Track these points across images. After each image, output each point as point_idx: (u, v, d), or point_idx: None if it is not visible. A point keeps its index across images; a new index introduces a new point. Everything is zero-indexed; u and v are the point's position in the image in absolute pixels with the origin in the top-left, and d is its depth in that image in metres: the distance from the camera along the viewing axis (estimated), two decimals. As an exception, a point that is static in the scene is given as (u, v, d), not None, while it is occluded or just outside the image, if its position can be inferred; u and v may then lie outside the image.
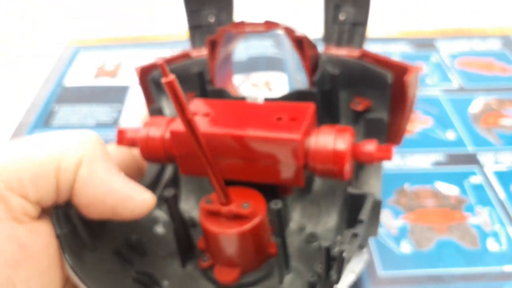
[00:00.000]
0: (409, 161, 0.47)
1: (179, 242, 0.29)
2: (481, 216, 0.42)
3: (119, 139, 0.31)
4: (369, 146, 0.27)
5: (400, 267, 0.38)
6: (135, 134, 0.30)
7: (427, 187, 0.45)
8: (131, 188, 0.26)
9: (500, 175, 0.46)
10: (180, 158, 0.29)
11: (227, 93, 0.33)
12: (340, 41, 0.32)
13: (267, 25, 0.30)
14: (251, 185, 0.29)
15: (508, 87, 0.57)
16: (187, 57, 0.35)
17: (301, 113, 0.28)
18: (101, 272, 0.26)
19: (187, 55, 0.35)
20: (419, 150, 0.49)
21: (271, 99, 0.31)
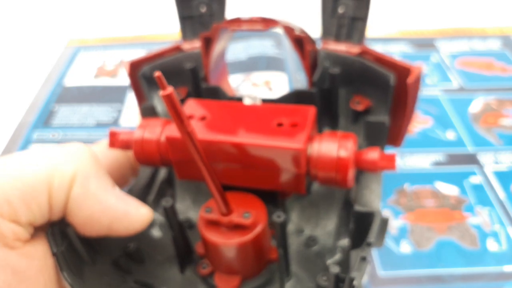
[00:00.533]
0: (409, 161, 0.47)
1: (177, 249, 0.28)
2: (481, 216, 0.42)
3: (111, 142, 0.30)
4: (372, 154, 0.26)
5: (400, 267, 0.38)
6: (129, 137, 0.29)
7: (427, 187, 0.45)
8: (126, 204, 0.25)
9: (500, 175, 0.45)
10: (176, 163, 0.29)
11: (222, 91, 0.32)
12: (338, 35, 0.31)
13: (265, 23, 0.29)
14: (250, 189, 0.28)
15: (508, 87, 0.57)
16: (178, 50, 0.34)
17: (302, 117, 0.27)
18: (100, 286, 0.26)
19: (179, 48, 0.34)
20: (419, 150, 0.49)
21: (269, 100, 0.31)
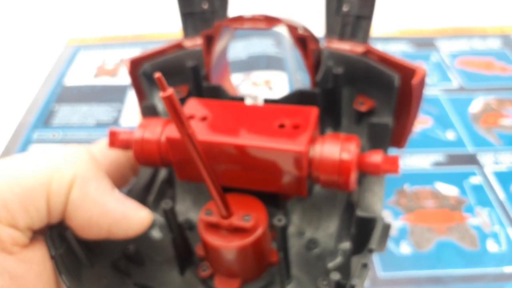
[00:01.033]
0: (408, 161, 0.47)
1: (177, 251, 0.28)
2: (481, 217, 0.42)
3: (111, 142, 0.30)
4: (375, 158, 0.26)
5: (399, 268, 0.38)
6: (128, 136, 0.29)
7: (426, 187, 0.45)
8: (126, 207, 0.25)
9: (500, 175, 0.46)
10: (177, 164, 0.28)
11: (223, 90, 0.32)
12: (342, 34, 0.31)
13: (267, 21, 0.28)
14: (250, 190, 0.28)
15: (508, 86, 0.57)
16: (180, 47, 0.34)
17: (304, 119, 0.27)
18: None
19: (180, 45, 0.34)
20: (418, 150, 0.49)
21: (272, 100, 0.30)
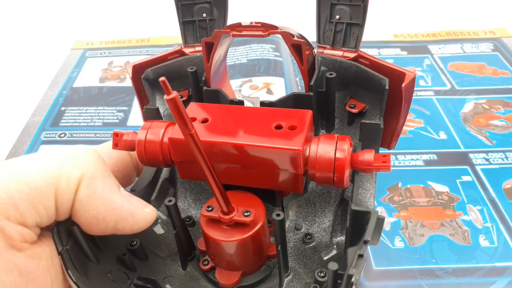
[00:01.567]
0: (402, 160, 0.48)
1: (180, 245, 0.29)
2: (473, 214, 0.43)
3: (115, 143, 0.30)
4: (367, 156, 0.27)
5: (393, 262, 0.39)
6: (132, 138, 0.30)
7: (419, 185, 0.46)
8: (131, 204, 0.26)
9: (491, 173, 0.46)
10: (179, 164, 0.29)
11: (223, 94, 0.32)
12: (335, 41, 0.32)
13: (265, 29, 0.30)
14: (248, 187, 0.29)
15: (499, 89, 0.58)
16: (180, 53, 0.35)
17: (300, 121, 0.28)
18: (105, 283, 0.26)
19: (181, 51, 0.35)
20: (412, 149, 0.50)
21: (268, 103, 0.31)
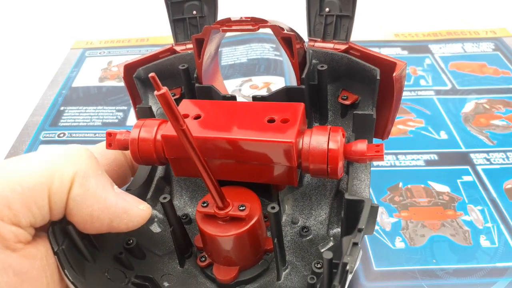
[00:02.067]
0: (403, 160, 0.48)
1: (177, 243, 0.29)
2: (474, 214, 0.42)
3: (108, 143, 0.30)
4: (360, 146, 0.27)
5: (394, 262, 0.38)
6: (125, 137, 0.30)
7: (420, 185, 0.45)
8: (125, 202, 0.26)
9: (492, 173, 0.46)
10: (173, 161, 0.29)
11: (215, 90, 0.32)
12: (325, 34, 0.32)
13: (254, 23, 0.29)
14: (244, 182, 0.29)
15: (500, 88, 0.58)
16: (172, 52, 0.35)
17: (292, 114, 0.28)
18: (102, 282, 0.26)
19: (172, 50, 0.35)
20: (412, 149, 0.49)
21: (260, 97, 0.31)
